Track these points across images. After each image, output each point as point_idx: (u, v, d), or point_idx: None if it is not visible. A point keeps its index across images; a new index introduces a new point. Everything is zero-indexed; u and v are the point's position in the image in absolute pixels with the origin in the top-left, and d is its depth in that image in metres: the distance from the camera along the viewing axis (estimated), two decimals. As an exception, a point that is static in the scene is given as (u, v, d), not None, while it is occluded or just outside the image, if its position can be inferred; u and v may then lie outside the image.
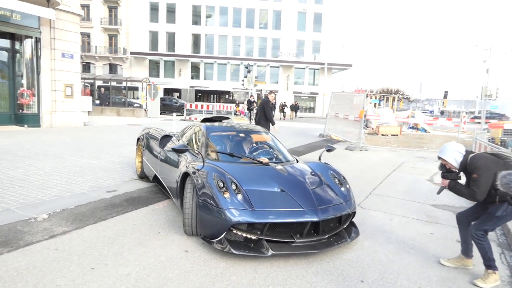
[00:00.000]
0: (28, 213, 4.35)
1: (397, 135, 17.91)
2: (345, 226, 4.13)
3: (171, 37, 46.61)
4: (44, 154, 8.22)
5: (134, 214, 4.61)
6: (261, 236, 3.59)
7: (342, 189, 4.33)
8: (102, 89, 27.26)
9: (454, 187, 3.46)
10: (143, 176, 6.43)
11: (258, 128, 5.80)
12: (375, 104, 21.92)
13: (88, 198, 5.13)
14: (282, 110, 33.60)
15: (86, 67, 45.84)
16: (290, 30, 47.43)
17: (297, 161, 4.96)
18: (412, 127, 21.53)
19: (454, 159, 3.40)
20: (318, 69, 48.17)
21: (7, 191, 5.21)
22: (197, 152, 4.65)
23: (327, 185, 4.28)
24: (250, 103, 24.32)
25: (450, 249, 4.07)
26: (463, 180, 3.50)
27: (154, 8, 45.84)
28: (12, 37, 13.20)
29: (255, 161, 4.59)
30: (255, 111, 20.93)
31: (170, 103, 30.61)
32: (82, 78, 27.33)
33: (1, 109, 13.30)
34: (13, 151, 8.35)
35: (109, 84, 28.48)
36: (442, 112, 63.77)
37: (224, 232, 3.54)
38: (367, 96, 15.23)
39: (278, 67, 48.16)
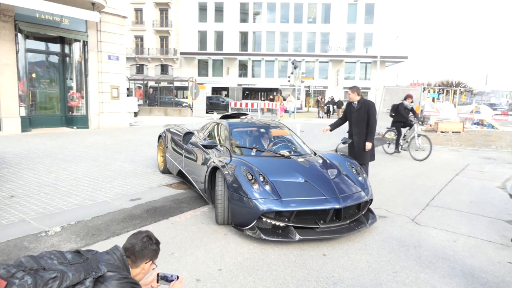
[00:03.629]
0: (42, 225, 4.07)
1: (459, 132, 16.14)
2: (363, 213, 4.34)
3: (219, 36, 46.90)
4: (81, 157, 8.17)
5: (151, 228, 4.15)
6: (289, 223, 3.81)
7: (360, 178, 4.56)
8: (151, 90, 27.96)
9: None
10: (166, 172, 6.68)
11: (277, 123, 5.99)
12: (433, 98, 20.03)
13: (109, 207, 4.79)
14: (328, 108, 29.26)
15: (139, 68, 47.67)
16: (340, 23, 45.60)
17: (315, 154, 5.14)
18: (477, 123, 19.41)
19: None
20: (370, 62, 45.88)
21: (31, 198, 5.04)
22: (222, 147, 4.92)
23: (345, 175, 4.52)
24: (335, 104, 15.68)
25: (537, 288, 3.14)
26: None
27: (202, 8, 46.38)
28: (62, 41, 13.64)
29: (277, 155, 4.83)
30: (339, 114, 14.94)
31: (216, 101, 30.75)
32: (133, 80, 28.25)
33: (53, 111, 13.83)
34: (54, 154, 8.41)
35: (158, 85, 29.10)
36: None
37: (255, 220, 3.77)
38: (424, 90, 13.80)
39: (327, 62, 46.57)
